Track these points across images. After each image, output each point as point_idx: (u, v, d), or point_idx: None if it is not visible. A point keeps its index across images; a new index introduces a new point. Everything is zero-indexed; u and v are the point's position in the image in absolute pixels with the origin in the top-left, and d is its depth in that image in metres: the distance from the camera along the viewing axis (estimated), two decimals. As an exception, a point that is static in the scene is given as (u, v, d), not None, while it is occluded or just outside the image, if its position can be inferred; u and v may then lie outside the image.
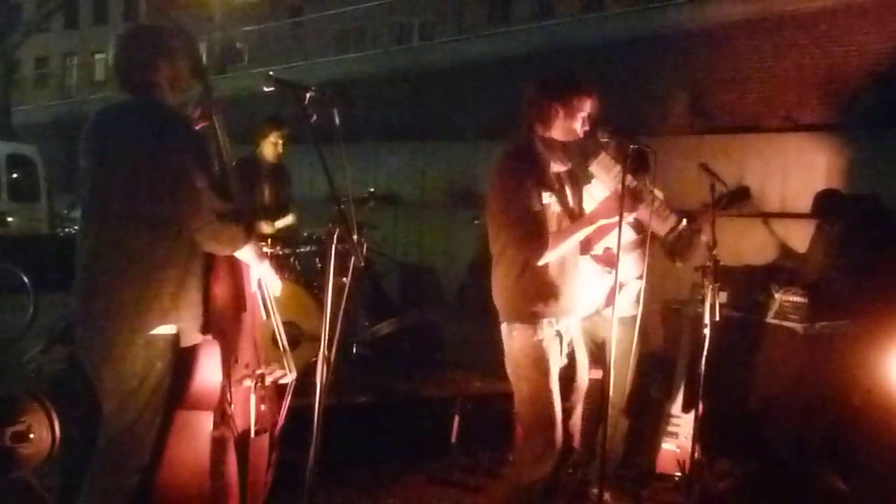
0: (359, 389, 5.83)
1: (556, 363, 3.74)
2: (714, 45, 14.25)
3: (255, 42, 30.45)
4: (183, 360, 3.15)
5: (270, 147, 6.63)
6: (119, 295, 3.06)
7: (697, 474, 4.71)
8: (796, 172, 10.31)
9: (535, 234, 3.63)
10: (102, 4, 40.99)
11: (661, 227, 3.86)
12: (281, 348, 3.51)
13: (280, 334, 3.49)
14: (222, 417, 3.22)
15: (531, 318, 3.69)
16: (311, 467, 3.25)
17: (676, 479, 4.98)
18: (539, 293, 3.70)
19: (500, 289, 3.77)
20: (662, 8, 16.73)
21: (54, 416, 3.92)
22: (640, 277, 4.50)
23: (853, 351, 5.10)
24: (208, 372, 3.18)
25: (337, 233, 3.14)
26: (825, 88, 12.67)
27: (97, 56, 40.56)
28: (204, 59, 3.63)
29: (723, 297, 4.62)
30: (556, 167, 3.78)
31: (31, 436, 3.83)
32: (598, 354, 4.77)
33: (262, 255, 3.38)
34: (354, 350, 6.42)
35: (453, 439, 5.16)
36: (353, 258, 3.18)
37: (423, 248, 13.35)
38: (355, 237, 3.28)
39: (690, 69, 14.30)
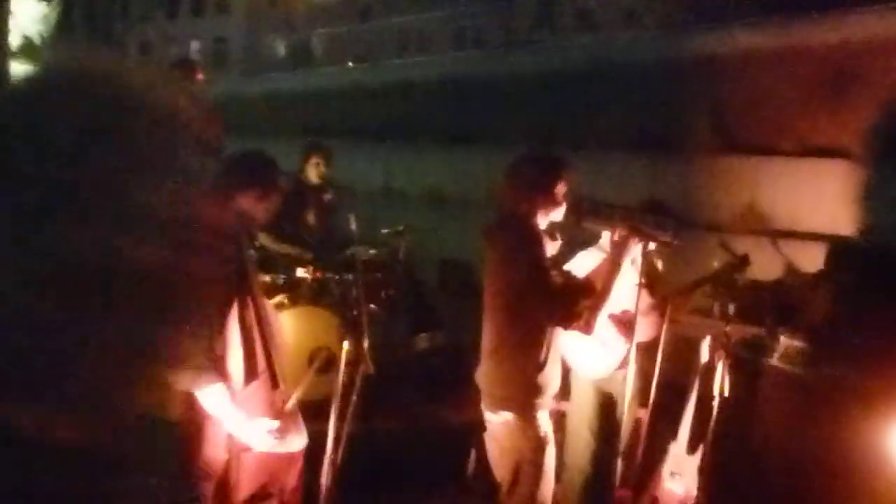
0: (380, 413, 5.37)
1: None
2: (738, 70, 13.66)
3: (325, 43, 30.25)
4: (186, 433, 2.83)
5: (313, 169, 6.34)
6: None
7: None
8: (807, 196, 9.82)
9: (572, 301, 3.34)
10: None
11: (665, 237, 3.56)
12: (290, 410, 3.15)
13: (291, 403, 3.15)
14: (223, 489, 2.92)
15: (538, 408, 3.36)
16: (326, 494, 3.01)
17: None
18: (547, 383, 3.39)
19: (517, 378, 3.36)
20: (691, 32, 16.11)
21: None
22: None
23: (856, 405, 4.68)
24: (211, 446, 2.89)
25: (346, 345, 2.80)
26: (840, 116, 12.08)
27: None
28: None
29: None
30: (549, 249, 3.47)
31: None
32: None
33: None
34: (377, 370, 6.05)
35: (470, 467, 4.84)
36: (362, 365, 2.85)
37: (464, 245, 13.10)
38: (370, 305, 2.95)
39: (713, 93, 13.74)
